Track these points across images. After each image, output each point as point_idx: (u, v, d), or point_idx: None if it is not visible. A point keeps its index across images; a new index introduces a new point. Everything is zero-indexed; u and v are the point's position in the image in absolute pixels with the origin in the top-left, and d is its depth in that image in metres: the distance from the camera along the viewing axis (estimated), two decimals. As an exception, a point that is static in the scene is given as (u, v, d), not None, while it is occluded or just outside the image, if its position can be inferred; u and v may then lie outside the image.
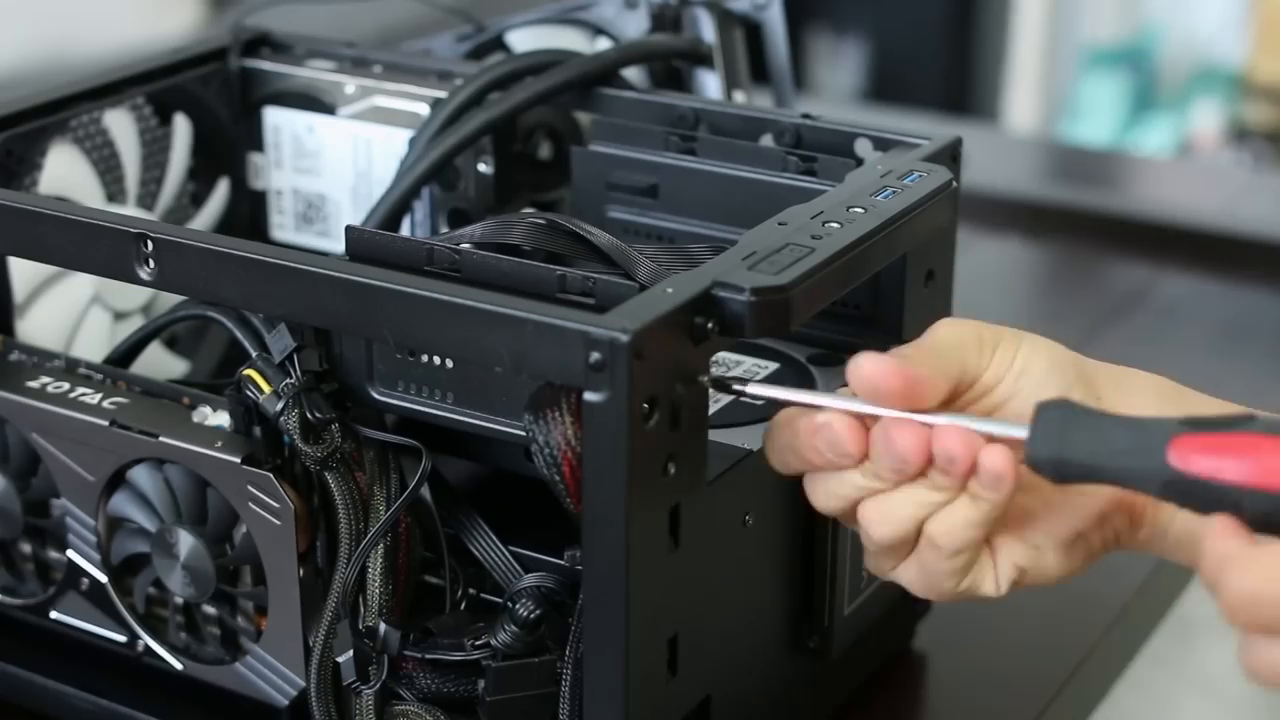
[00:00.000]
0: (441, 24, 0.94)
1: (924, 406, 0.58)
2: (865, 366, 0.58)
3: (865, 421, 0.59)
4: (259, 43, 0.89)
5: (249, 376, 0.65)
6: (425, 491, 0.65)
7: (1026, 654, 0.81)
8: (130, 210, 0.83)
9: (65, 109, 0.80)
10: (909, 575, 0.61)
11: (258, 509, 0.66)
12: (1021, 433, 0.57)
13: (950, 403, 0.60)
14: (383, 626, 0.65)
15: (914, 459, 0.57)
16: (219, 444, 0.67)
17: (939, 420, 0.58)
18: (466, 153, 0.81)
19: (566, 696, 0.63)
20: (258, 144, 0.89)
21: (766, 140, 0.77)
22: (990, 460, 0.57)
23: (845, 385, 0.59)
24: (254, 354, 0.66)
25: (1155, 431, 0.55)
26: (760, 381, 0.62)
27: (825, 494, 0.60)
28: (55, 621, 0.74)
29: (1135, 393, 0.61)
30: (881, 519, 0.59)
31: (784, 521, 0.67)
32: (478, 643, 0.64)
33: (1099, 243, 1.28)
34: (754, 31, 0.88)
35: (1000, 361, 0.60)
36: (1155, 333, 1.11)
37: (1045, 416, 0.56)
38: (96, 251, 0.66)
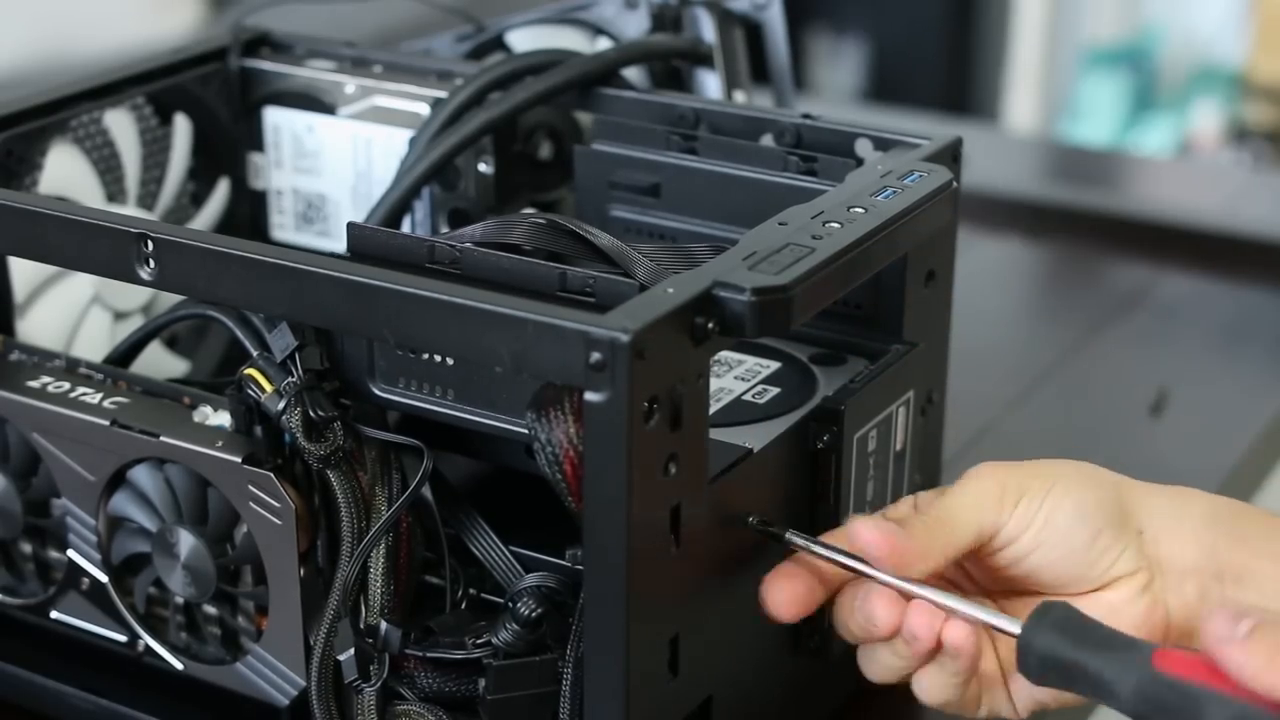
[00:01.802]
0: (441, 24, 0.93)
1: (912, 576, 0.61)
2: (859, 529, 0.61)
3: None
4: (259, 43, 0.89)
5: (250, 376, 0.65)
6: (426, 491, 0.65)
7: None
8: (130, 210, 0.83)
9: (65, 109, 0.80)
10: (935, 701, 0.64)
11: (259, 508, 0.66)
12: (1015, 628, 0.59)
13: (975, 552, 0.63)
14: (384, 625, 0.65)
15: (883, 628, 0.61)
16: (220, 443, 0.67)
17: (931, 595, 0.61)
18: (467, 153, 0.81)
19: (567, 695, 0.63)
20: (258, 144, 0.89)
21: (767, 140, 0.77)
22: (951, 635, 0.60)
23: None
24: (255, 353, 0.66)
25: (1140, 647, 0.57)
26: (800, 535, 0.64)
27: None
28: (55, 621, 0.74)
29: (1186, 522, 0.63)
30: (871, 667, 0.64)
31: (785, 521, 0.67)
32: (479, 641, 0.64)
33: (1099, 243, 1.28)
34: (754, 31, 0.88)
35: (1023, 514, 0.62)
36: (1155, 333, 1.11)
37: (1038, 621, 0.59)
38: (97, 251, 0.66)
